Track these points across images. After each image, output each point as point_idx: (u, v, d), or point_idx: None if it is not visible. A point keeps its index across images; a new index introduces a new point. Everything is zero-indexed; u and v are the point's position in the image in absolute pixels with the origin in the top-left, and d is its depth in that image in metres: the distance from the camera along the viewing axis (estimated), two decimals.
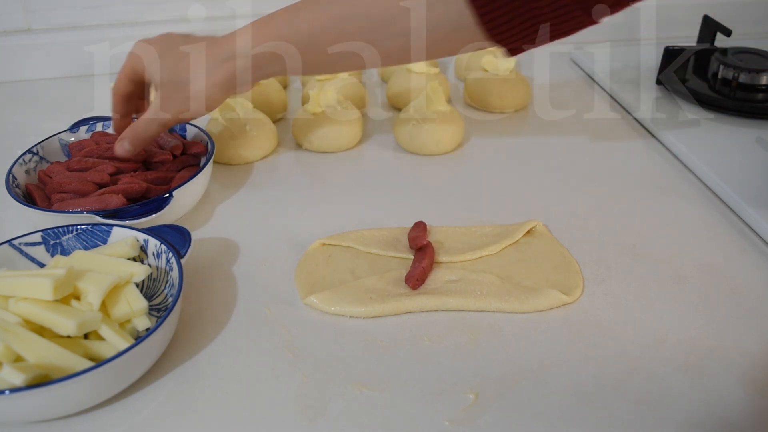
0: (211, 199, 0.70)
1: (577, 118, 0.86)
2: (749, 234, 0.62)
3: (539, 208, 0.66)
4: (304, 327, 0.52)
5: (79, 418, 0.45)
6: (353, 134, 0.79)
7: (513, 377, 0.47)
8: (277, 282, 0.57)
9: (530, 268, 0.57)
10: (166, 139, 0.72)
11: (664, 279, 0.56)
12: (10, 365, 0.43)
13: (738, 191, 0.65)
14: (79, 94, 0.97)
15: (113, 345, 0.47)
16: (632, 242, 0.61)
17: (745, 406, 0.45)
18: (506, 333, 0.51)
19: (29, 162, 0.69)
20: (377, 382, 0.47)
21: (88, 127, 0.75)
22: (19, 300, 0.46)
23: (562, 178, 0.72)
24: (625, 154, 0.77)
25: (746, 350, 0.49)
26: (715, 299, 0.54)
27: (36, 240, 0.55)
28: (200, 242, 0.63)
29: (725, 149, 0.73)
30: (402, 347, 0.50)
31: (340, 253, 0.59)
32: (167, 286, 0.53)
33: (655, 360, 0.48)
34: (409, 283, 0.54)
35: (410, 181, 0.73)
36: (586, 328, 0.51)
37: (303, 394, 0.46)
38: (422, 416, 0.45)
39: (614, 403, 0.45)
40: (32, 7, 1.01)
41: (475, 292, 0.54)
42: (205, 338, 0.52)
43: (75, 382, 0.42)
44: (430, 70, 0.86)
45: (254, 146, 0.76)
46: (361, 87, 0.88)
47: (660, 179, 0.71)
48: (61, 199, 0.62)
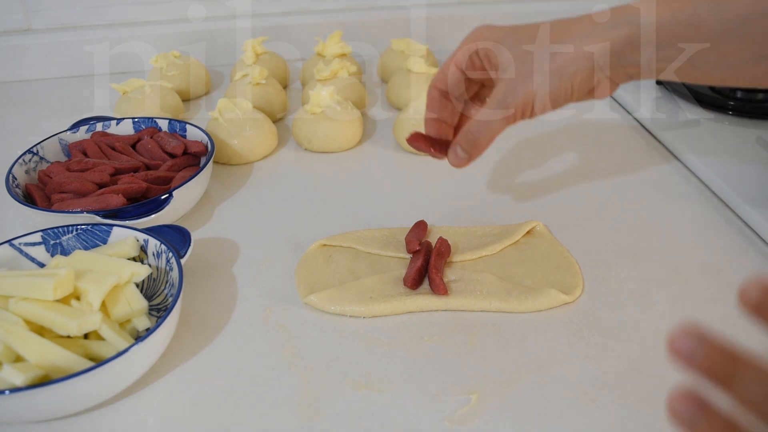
0: (211, 199, 0.70)
1: (577, 118, 0.85)
2: (749, 234, 0.62)
3: (539, 208, 0.66)
4: (304, 327, 0.52)
5: (79, 418, 0.45)
6: (353, 134, 0.79)
7: (513, 377, 0.47)
8: (277, 282, 0.57)
9: (530, 267, 0.57)
10: (167, 139, 0.72)
11: (664, 279, 0.56)
12: (10, 365, 0.43)
13: (738, 191, 0.65)
14: (79, 94, 0.97)
15: (113, 345, 0.47)
16: (632, 242, 0.61)
17: None
18: (506, 333, 0.51)
19: (29, 162, 0.69)
20: (377, 382, 0.47)
21: (88, 127, 0.75)
22: (19, 300, 0.46)
23: (562, 178, 0.72)
24: (625, 154, 0.77)
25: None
26: (715, 299, 0.54)
27: (36, 240, 0.55)
28: (200, 242, 0.63)
29: (725, 149, 0.73)
30: (402, 347, 0.50)
31: (340, 254, 0.59)
32: (167, 286, 0.53)
33: (655, 360, 0.48)
34: (407, 283, 0.54)
35: (410, 181, 0.73)
36: (586, 328, 0.51)
37: (303, 394, 0.47)
38: (422, 416, 0.45)
39: (614, 403, 0.45)
40: (32, 7, 1.01)
41: (475, 292, 0.54)
42: (205, 338, 0.52)
43: (75, 382, 0.42)
44: (430, 70, 0.86)
45: (254, 146, 0.76)
46: (361, 87, 0.88)
47: (660, 179, 0.71)
48: (61, 199, 0.62)
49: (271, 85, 0.86)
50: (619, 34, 0.48)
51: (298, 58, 1.05)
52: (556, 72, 0.49)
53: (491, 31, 0.52)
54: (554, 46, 0.49)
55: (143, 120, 0.76)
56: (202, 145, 0.70)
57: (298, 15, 1.06)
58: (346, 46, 0.93)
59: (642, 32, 0.47)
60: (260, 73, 0.84)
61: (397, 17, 1.06)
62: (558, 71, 0.49)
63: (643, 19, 0.47)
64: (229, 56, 1.04)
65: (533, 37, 0.50)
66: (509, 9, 1.08)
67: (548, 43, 0.49)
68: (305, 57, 1.05)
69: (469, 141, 0.52)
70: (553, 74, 0.49)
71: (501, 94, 0.50)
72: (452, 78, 0.53)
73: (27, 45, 1.02)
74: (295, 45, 1.05)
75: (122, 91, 0.84)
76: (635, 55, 0.48)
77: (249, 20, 1.04)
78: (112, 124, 0.76)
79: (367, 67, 1.02)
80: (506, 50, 0.50)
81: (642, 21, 0.47)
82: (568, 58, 0.48)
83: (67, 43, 1.02)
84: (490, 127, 0.51)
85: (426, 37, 1.06)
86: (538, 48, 0.49)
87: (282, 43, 1.03)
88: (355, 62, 0.93)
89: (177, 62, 0.93)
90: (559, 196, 0.69)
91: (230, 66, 1.02)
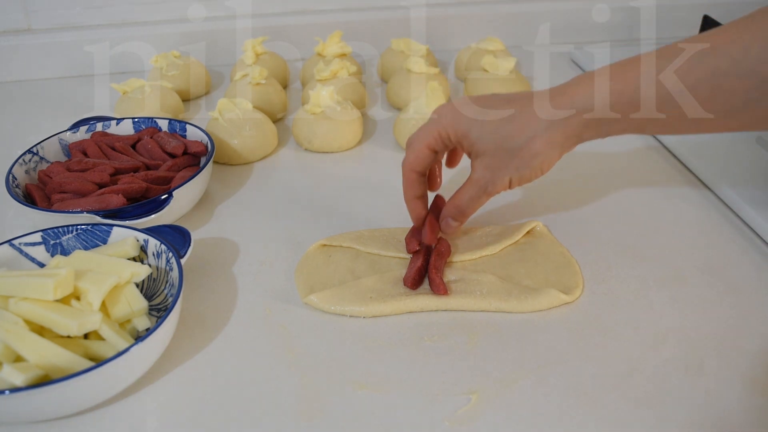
0: (211, 199, 0.70)
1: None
2: (749, 234, 0.62)
3: (539, 208, 0.66)
4: (304, 327, 0.52)
5: (79, 418, 0.45)
6: (353, 134, 0.79)
7: (513, 377, 0.47)
8: (277, 282, 0.57)
9: (530, 267, 0.57)
10: (167, 139, 0.72)
11: (664, 279, 0.56)
12: (10, 365, 0.43)
13: (738, 191, 0.65)
14: (79, 94, 0.97)
15: (113, 345, 0.47)
16: (632, 242, 0.61)
17: (745, 406, 0.45)
18: (506, 333, 0.51)
19: (29, 162, 0.69)
20: (377, 382, 0.47)
21: (88, 127, 0.75)
22: (19, 300, 0.46)
23: (562, 178, 0.72)
24: (624, 155, 0.77)
25: (746, 350, 0.49)
26: (715, 299, 0.54)
27: (36, 240, 0.55)
28: (200, 242, 0.63)
29: (725, 149, 0.73)
30: (402, 347, 0.50)
31: (339, 254, 0.59)
32: (167, 286, 0.53)
33: (655, 360, 0.48)
34: (407, 283, 0.54)
35: None
36: (586, 328, 0.51)
37: (303, 394, 0.47)
38: (422, 416, 0.45)
39: (614, 403, 0.45)
40: (32, 7, 1.01)
41: (475, 292, 0.54)
42: (205, 338, 0.52)
43: (75, 382, 0.42)
44: (430, 70, 0.86)
45: (254, 146, 0.76)
46: (361, 87, 0.88)
47: (660, 179, 0.71)
48: (61, 199, 0.62)
49: (271, 85, 0.86)
50: (577, 120, 0.51)
51: (298, 58, 1.05)
52: (526, 165, 0.53)
53: (455, 117, 0.54)
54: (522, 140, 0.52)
55: (143, 120, 0.76)
56: (202, 145, 0.70)
57: (298, 15, 1.07)
58: (346, 46, 0.93)
59: (596, 114, 0.50)
60: (260, 73, 0.84)
61: (397, 17, 1.06)
62: (528, 164, 0.53)
63: (586, 105, 0.50)
64: (229, 56, 1.04)
65: (501, 126, 0.52)
66: (509, 9, 1.08)
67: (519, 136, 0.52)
68: (305, 57, 1.05)
69: (460, 212, 0.56)
70: (523, 168, 0.53)
71: (482, 182, 0.54)
72: (426, 161, 0.56)
73: (27, 45, 1.02)
74: (295, 45, 1.05)
75: (122, 91, 0.84)
76: (594, 132, 0.52)
77: (249, 20, 1.04)
78: (112, 124, 0.76)
79: (367, 67, 1.03)
80: (477, 137, 0.53)
81: (585, 106, 0.50)
82: (536, 151, 0.52)
83: (66, 43, 1.02)
84: (475, 202, 0.56)
85: (426, 37, 1.07)
86: (508, 140, 0.52)
87: (282, 43, 1.03)
88: (355, 62, 0.93)
89: (177, 62, 0.93)
90: (559, 196, 0.69)
91: (230, 66, 1.02)
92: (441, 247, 0.57)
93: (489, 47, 0.93)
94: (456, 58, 1.00)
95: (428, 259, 0.56)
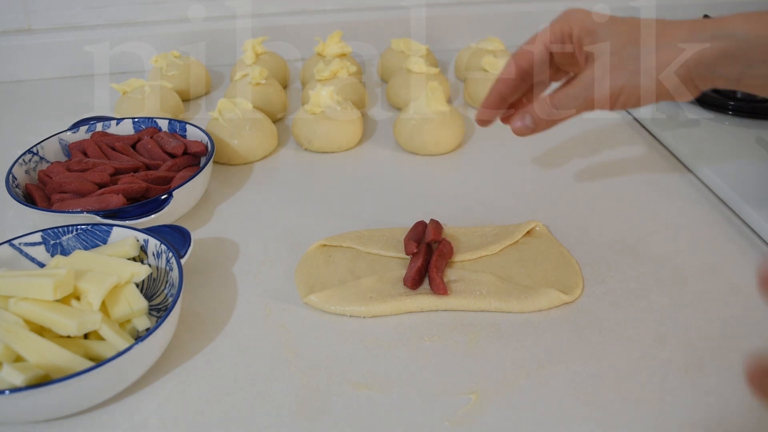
0: (211, 199, 0.70)
1: (577, 117, 0.85)
2: (749, 234, 0.62)
3: (539, 208, 0.66)
4: (304, 327, 0.52)
5: (79, 418, 0.45)
6: (353, 134, 0.79)
7: (513, 377, 0.47)
8: (277, 282, 0.57)
9: (530, 267, 0.57)
10: (167, 139, 0.72)
11: (664, 279, 0.56)
12: (10, 365, 0.43)
13: (738, 191, 0.65)
14: (79, 94, 0.97)
15: (113, 345, 0.47)
16: (632, 242, 0.61)
17: (745, 406, 0.45)
18: (506, 333, 0.51)
19: (29, 162, 0.69)
20: (377, 382, 0.47)
21: (88, 127, 0.75)
22: (19, 300, 0.46)
23: (562, 178, 0.72)
24: (625, 155, 0.77)
25: (746, 350, 0.49)
26: (715, 299, 0.54)
27: (36, 240, 0.55)
28: (200, 242, 0.63)
29: (725, 149, 0.73)
30: (402, 347, 0.50)
31: (339, 254, 0.59)
32: (167, 286, 0.53)
33: (655, 360, 0.48)
34: (407, 283, 0.54)
35: (410, 181, 0.73)
36: (586, 328, 0.51)
37: (303, 394, 0.47)
38: (422, 416, 0.45)
39: (614, 403, 0.45)
40: (32, 7, 1.01)
41: (475, 292, 0.54)
42: (205, 338, 0.52)
43: (75, 382, 0.42)
44: (430, 70, 0.86)
45: (254, 146, 0.76)
46: (361, 87, 0.88)
47: (660, 179, 0.71)
48: (61, 199, 0.62)
49: (271, 85, 0.86)
50: (715, 46, 0.48)
51: (298, 58, 1.05)
52: (648, 73, 0.48)
53: (587, 16, 0.51)
54: (650, 47, 0.49)
55: (143, 120, 0.76)
56: (202, 145, 0.70)
57: (298, 15, 1.07)
58: (346, 46, 0.93)
59: (737, 48, 0.47)
60: (260, 73, 0.84)
61: (397, 17, 1.06)
62: (649, 72, 0.48)
63: (740, 35, 0.47)
64: (229, 56, 1.04)
65: (631, 31, 0.49)
66: (509, 9, 1.08)
67: (649, 42, 0.49)
68: (305, 57, 1.05)
69: (546, 113, 0.52)
70: (645, 74, 0.48)
71: (590, 81, 0.49)
72: (539, 57, 0.53)
73: (27, 45, 1.02)
74: (295, 45, 1.05)
75: (122, 91, 0.84)
76: (727, 69, 0.48)
77: (249, 20, 1.04)
78: (112, 124, 0.76)
79: (367, 67, 1.02)
80: (603, 38, 0.50)
81: (738, 36, 0.47)
82: (663, 61, 0.48)
83: (66, 43, 1.02)
84: (572, 102, 0.51)
85: (426, 37, 1.07)
86: (634, 45, 0.49)
87: (282, 43, 1.03)
88: (355, 62, 0.93)
89: (177, 62, 0.93)
90: (559, 196, 0.69)
91: (230, 66, 1.02)
92: (443, 247, 0.57)
93: (489, 47, 0.93)
94: (456, 58, 1.00)
95: (428, 259, 0.56)
